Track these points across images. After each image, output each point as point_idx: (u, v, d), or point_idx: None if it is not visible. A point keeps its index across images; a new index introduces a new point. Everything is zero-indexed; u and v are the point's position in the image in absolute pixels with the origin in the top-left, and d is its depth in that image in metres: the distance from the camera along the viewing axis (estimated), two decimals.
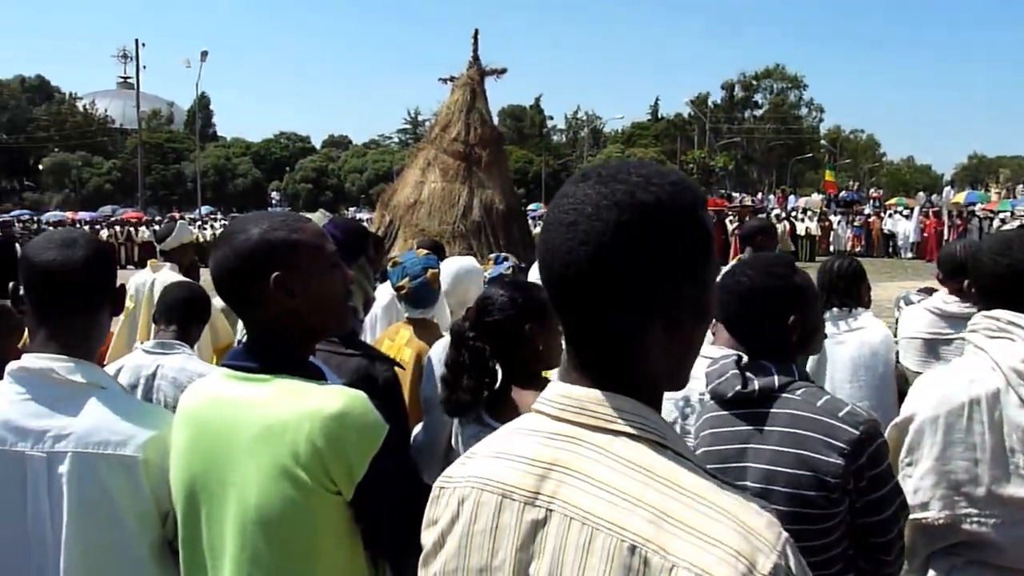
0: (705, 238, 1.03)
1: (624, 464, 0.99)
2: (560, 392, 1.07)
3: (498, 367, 2.43)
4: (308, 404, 1.53)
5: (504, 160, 24.10)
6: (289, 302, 1.60)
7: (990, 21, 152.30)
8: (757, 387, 1.99)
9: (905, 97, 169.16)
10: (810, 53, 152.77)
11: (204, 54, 41.45)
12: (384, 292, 4.08)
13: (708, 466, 1.06)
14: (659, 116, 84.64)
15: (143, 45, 43.26)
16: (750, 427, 1.99)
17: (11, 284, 1.73)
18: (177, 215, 34.83)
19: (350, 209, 56.34)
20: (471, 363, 2.37)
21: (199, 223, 33.22)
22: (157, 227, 28.42)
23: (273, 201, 63.02)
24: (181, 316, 3.47)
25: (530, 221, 24.95)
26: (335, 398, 1.54)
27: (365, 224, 3.04)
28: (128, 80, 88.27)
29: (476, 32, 21.14)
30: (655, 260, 0.99)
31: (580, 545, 0.97)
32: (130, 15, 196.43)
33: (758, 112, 77.31)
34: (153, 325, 4.72)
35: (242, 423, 1.56)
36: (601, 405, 1.02)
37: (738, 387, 2.01)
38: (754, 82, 77.19)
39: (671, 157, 66.44)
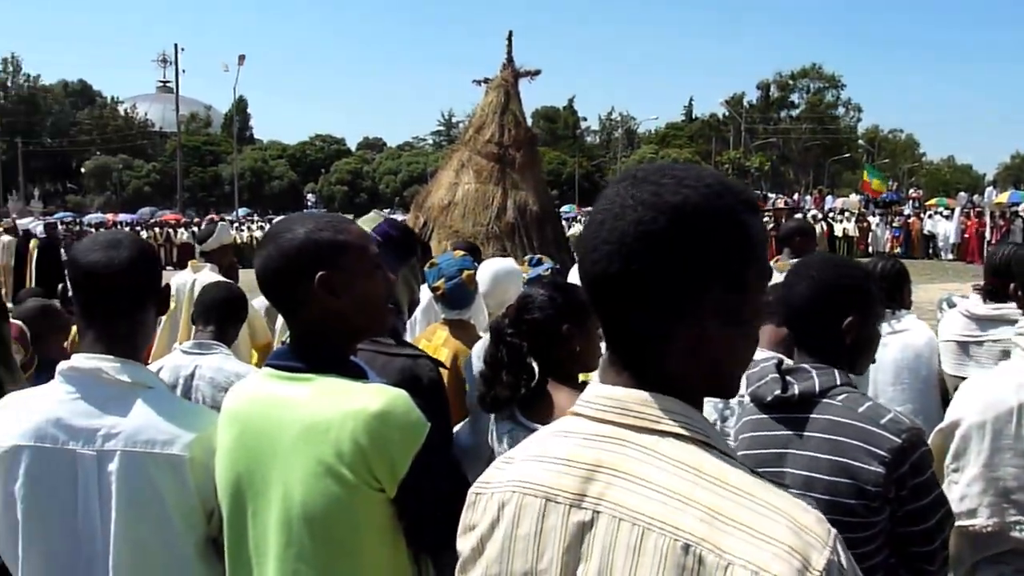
0: (746, 242, 1.02)
1: (673, 464, 0.98)
2: (600, 393, 1.06)
3: (535, 366, 2.43)
4: (351, 403, 1.54)
5: (538, 161, 24.09)
6: (333, 302, 1.62)
7: None
8: (797, 391, 1.96)
9: (945, 96, 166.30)
10: (848, 52, 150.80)
11: (242, 58, 42.05)
12: (423, 294, 4.10)
13: None
14: (693, 116, 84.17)
15: (182, 50, 43.89)
16: (789, 432, 1.96)
17: (60, 285, 1.78)
18: (216, 217, 35.28)
19: (385, 211, 56.62)
20: (509, 360, 2.38)
21: (237, 225, 33.61)
22: (196, 229, 28.83)
23: (309, 203, 63.58)
24: (218, 316, 3.52)
25: (564, 223, 24.89)
26: (378, 397, 1.55)
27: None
28: (167, 84, 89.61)
29: (510, 33, 21.06)
30: (683, 262, 0.98)
31: (631, 545, 0.97)
32: (170, 20, 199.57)
33: (794, 112, 76.40)
34: (192, 326, 4.80)
35: (286, 422, 1.58)
36: (645, 405, 1.02)
37: (777, 391, 1.98)
38: (790, 82, 76.28)
39: (706, 158, 65.96)
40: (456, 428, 3.50)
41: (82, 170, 68.45)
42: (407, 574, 1.64)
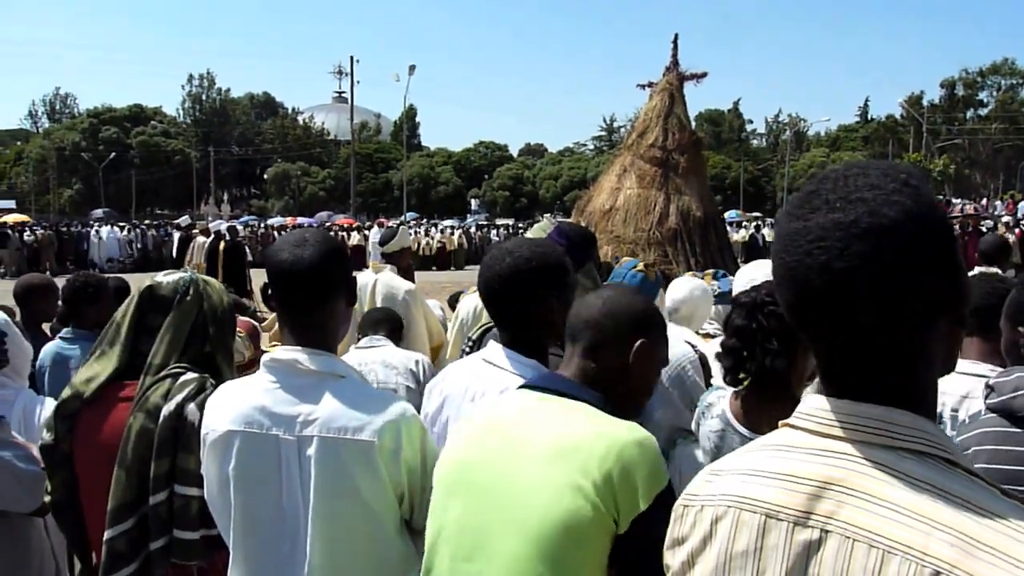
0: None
1: (915, 483, 0.93)
2: (822, 406, 1.02)
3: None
4: (608, 429, 1.55)
5: (702, 166, 23.58)
6: (624, 362, 1.71)
7: None
8: None
9: None
10: None
11: (412, 68, 43.00)
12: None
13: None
14: (868, 118, 79.98)
15: (357, 61, 45.34)
16: None
17: (263, 284, 1.91)
18: (394, 222, 36.67)
19: (544, 216, 57.28)
20: (775, 329, 2.17)
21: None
22: (367, 233, 30.05)
23: (472, 208, 65.15)
24: (386, 329, 4.33)
25: (728, 228, 24.24)
26: (635, 430, 1.55)
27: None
28: (342, 95, 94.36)
29: (676, 36, 20.74)
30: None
31: (869, 570, 0.91)
32: (345, 34, 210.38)
33: (982, 111, 70.93)
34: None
35: (537, 438, 1.59)
36: (878, 420, 0.97)
37: None
38: (978, 79, 70.87)
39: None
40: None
41: (265, 176, 73.25)
42: None
